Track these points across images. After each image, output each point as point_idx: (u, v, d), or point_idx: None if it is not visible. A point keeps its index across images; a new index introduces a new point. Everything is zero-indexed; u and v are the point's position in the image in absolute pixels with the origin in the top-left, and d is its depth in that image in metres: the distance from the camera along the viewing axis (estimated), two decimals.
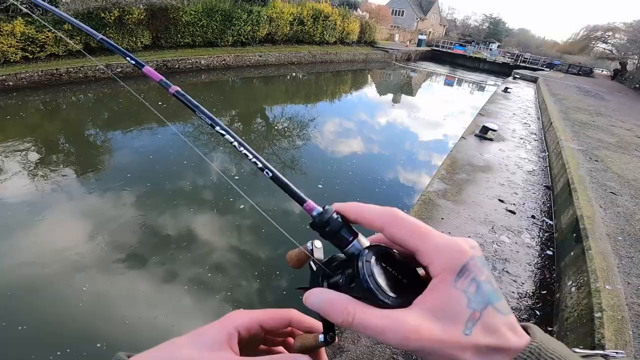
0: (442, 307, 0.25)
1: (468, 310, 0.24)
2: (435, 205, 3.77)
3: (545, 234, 3.68)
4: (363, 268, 0.27)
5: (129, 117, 7.75)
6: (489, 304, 0.25)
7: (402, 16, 42.92)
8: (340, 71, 17.81)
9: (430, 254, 0.27)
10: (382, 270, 0.28)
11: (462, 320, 0.24)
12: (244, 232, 4.08)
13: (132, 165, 5.47)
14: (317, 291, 0.29)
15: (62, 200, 4.35)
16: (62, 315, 2.81)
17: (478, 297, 0.25)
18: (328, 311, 0.27)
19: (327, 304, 0.27)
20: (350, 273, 0.29)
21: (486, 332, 0.24)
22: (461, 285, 0.25)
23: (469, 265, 0.26)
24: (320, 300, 0.28)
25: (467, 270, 0.25)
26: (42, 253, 3.39)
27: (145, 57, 10.84)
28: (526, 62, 30.01)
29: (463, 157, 5.39)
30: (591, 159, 5.36)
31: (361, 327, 0.25)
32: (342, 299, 0.27)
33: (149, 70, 0.44)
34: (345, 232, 0.30)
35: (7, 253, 3.34)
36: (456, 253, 0.26)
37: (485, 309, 0.25)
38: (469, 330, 0.24)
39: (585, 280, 2.53)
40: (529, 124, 8.55)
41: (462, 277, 0.25)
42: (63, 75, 9.06)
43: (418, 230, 0.28)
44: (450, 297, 0.25)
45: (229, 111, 8.98)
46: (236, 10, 13.52)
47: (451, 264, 0.26)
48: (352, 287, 0.28)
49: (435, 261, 0.26)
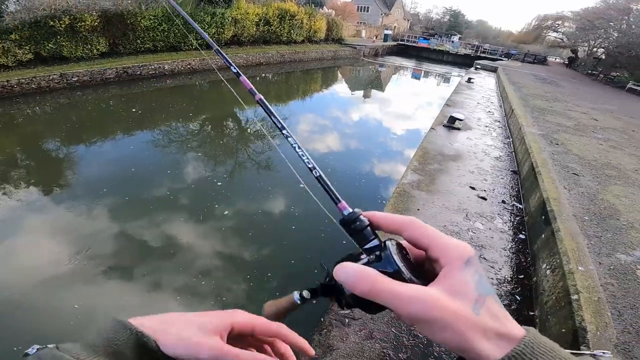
0: (454, 287, 0.28)
1: (475, 293, 0.28)
2: (411, 197, 3.85)
3: (516, 218, 3.85)
4: (390, 250, 0.33)
5: (97, 126, 7.35)
6: (489, 294, 0.29)
7: (367, 12, 43.48)
8: (310, 69, 17.79)
9: (442, 248, 0.31)
10: (403, 256, 0.33)
11: (471, 300, 0.27)
12: (230, 236, 4.00)
13: (108, 176, 5.21)
14: (348, 264, 0.32)
15: (30, 213, 4.06)
16: (57, 334, 2.70)
17: (481, 285, 0.29)
18: (358, 281, 0.30)
19: (357, 275, 0.30)
20: (377, 255, 0.33)
21: (491, 316, 0.27)
22: (468, 273, 0.29)
23: (472, 259, 0.30)
24: (350, 271, 0.31)
25: (472, 263, 0.30)
26: (41, 269, 3.20)
27: (104, 65, 10.32)
28: (486, 53, 31.37)
29: (434, 147, 5.55)
30: (552, 143, 5.67)
31: (389, 294, 0.28)
32: (371, 271, 0.30)
33: (244, 80, 0.62)
34: (368, 232, 0.36)
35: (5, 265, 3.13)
36: (463, 248, 0.31)
37: (487, 297, 0.28)
38: (478, 311, 0.27)
39: (558, 263, 2.55)
40: (493, 112, 8.93)
41: (469, 267, 0.29)
42: (15, 87, 8.44)
43: (433, 232, 0.33)
44: (460, 279, 0.29)
45: (199, 115, 8.74)
46: (199, 13, 13.16)
47: (459, 256, 0.30)
48: (376, 266, 0.32)
49: (445, 254, 0.31)
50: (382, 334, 2.15)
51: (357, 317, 2.24)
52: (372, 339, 2.11)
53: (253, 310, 0.44)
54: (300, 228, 4.28)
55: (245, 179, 5.62)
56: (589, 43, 27.45)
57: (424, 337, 2.15)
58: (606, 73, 22.89)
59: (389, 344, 2.09)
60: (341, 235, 1.67)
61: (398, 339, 2.13)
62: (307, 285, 0.41)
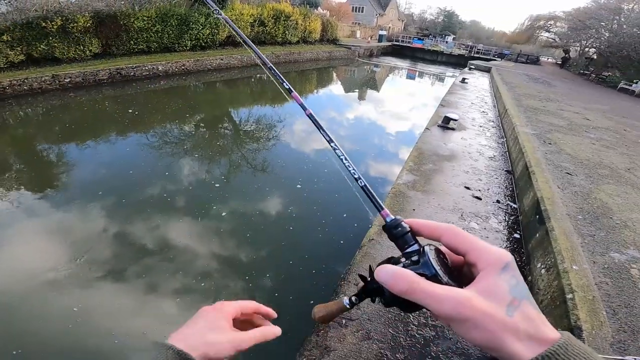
0: (489, 290, 0.30)
1: (510, 296, 0.29)
2: (406, 197, 3.86)
3: (511, 218, 3.87)
4: (428, 254, 0.35)
5: (91, 128, 7.27)
6: (525, 298, 0.30)
7: (362, 13, 43.62)
8: (305, 70, 17.79)
9: (481, 253, 0.32)
10: (440, 260, 0.35)
11: (505, 303, 0.29)
12: (228, 237, 3.98)
13: (104, 178, 5.16)
14: (388, 266, 0.35)
15: (25, 216, 4.01)
16: (56, 337, 2.68)
17: (518, 289, 0.30)
18: (396, 281, 0.32)
19: (396, 276, 0.33)
20: (415, 259, 0.35)
21: (525, 319, 0.28)
22: (505, 277, 0.30)
23: (511, 264, 0.31)
24: (390, 272, 0.33)
25: (510, 268, 0.31)
26: (39, 272, 3.16)
27: (97, 66, 10.23)
28: (479, 53, 31.62)
29: (429, 147, 5.57)
30: (545, 142, 5.72)
31: (424, 294, 0.30)
32: (408, 272, 0.33)
33: (295, 96, 0.66)
34: (409, 237, 0.39)
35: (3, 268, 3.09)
36: (501, 254, 0.32)
37: (523, 301, 0.29)
38: (511, 313, 0.28)
39: (553, 262, 2.55)
40: (487, 112, 8.99)
41: (506, 272, 0.31)
42: (7, 89, 8.34)
43: (471, 238, 0.34)
44: (495, 283, 0.30)
45: (194, 117, 8.68)
46: (193, 14, 13.09)
47: (497, 261, 0.31)
48: (416, 267, 0.34)
49: (483, 258, 0.32)
50: (380, 334, 2.15)
51: (354, 317, 2.24)
52: (369, 339, 2.11)
53: None
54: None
55: (241, 179, 5.59)
56: (581, 43, 27.80)
57: (421, 337, 2.15)
58: (598, 73, 23.17)
59: (386, 344, 2.09)
60: (341, 235, 1.64)
61: (395, 340, 2.13)
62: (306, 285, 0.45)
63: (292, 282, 3.40)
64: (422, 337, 2.16)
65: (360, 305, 2.35)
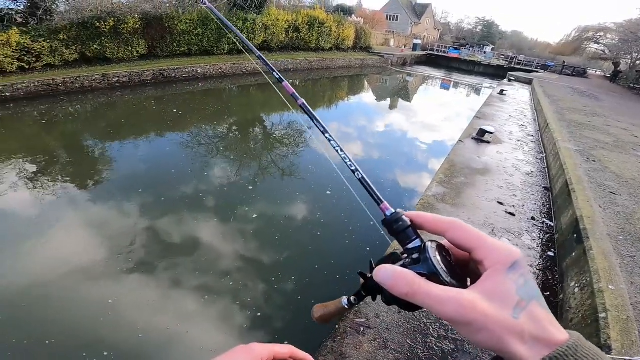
0: (494, 291, 0.28)
1: (516, 297, 0.28)
2: (435, 210, 3.76)
3: (546, 236, 3.66)
4: (429, 251, 0.33)
5: (136, 126, 7.74)
6: (534, 298, 0.28)
7: (396, 21, 43.37)
8: (337, 77, 17.91)
9: (487, 250, 0.31)
10: (443, 258, 0.33)
11: (511, 305, 0.27)
12: (258, 239, 4.07)
13: (144, 174, 5.52)
14: (388, 266, 0.33)
15: (69, 209, 4.32)
16: (88, 328, 2.80)
17: (525, 289, 0.28)
18: (396, 282, 0.31)
19: (396, 277, 0.31)
20: (416, 257, 0.33)
21: (531, 320, 0.27)
22: (512, 276, 0.29)
23: (519, 262, 0.29)
24: (389, 273, 0.32)
25: (518, 266, 0.29)
26: (79, 265, 3.38)
27: (142, 67, 10.88)
28: (520, 64, 30.28)
29: (461, 160, 5.40)
30: (589, 159, 5.37)
31: (425, 296, 0.29)
32: (409, 273, 0.31)
33: (287, 85, 0.62)
34: (410, 232, 0.36)
35: (36, 266, 3.34)
36: (509, 251, 0.30)
37: (531, 301, 0.28)
38: (517, 315, 0.27)
39: (588, 281, 2.49)
40: (526, 126, 8.58)
41: (513, 271, 0.29)
42: (60, 86, 9.06)
43: (477, 233, 0.32)
44: (501, 283, 0.28)
45: (227, 119, 8.99)
46: (231, 18, 13.63)
47: (505, 259, 0.30)
48: (416, 267, 0.33)
49: (490, 256, 0.30)
50: (397, 344, 2.10)
51: (372, 326, 2.20)
52: (386, 349, 2.06)
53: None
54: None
55: (272, 183, 5.69)
56: (632, 56, 25.93)
57: (439, 350, 2.08)
58: None
59: (403, 355, 2.03)
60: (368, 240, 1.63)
61: (413, 351, 2.06)
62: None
63: (315, 287, 3.40)
64: (440, 350, 2.08)
65: (379, 314, 2.31)
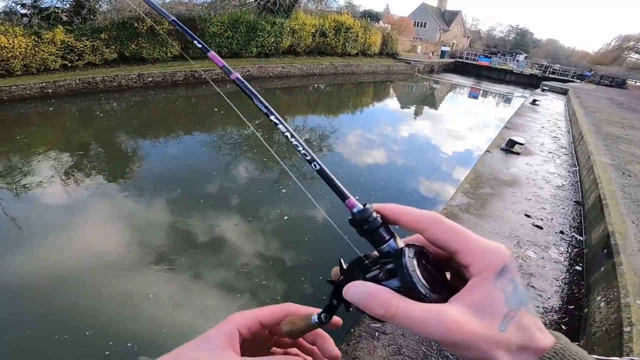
0: (482, 303, 0.26)
1: (505, 308, 0.25)
2: (458, 220, 3.67)
3: (574, 250, 3.51)
4: (407, 263, 0.28)
5: (172, 125, 8.08)
6: (523, 305, 0.26)
7: (424, 28, 42.85)
8: (362, 82, 17.88)
9: (474, 253, 0.27)
10: (423, 267, 0.29)
11: (499, 317, 0.25)
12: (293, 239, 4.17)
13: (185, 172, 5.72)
14: (359, 284, 0.29)
15: (106, 205, 4.58)
16: (125, 321, 2.88)
17: (515, 296, 0.26)
18: (370, 303, 0.27)
19: (369, 296, 0.27)
20: (391, 268, 0.29)
21: (518, 330, 0.25)
22: (501, 284, 0.26)
23: (509, 266, 0.27)
24: (361, 293, 0.28)
25: (508, 271, 0.26)
26: (120, 260, 3.53)
27: (175, 68, 11.34)
28: (555, 74, 29.01)
29: (488, 171, 5.24)
30: (624, 174, 5.08)
31: (404, 319, 0.26)
32: (384, 291, 0.27)
33: (213, 55, 0.48)
34: (383, 231, 0.31)
35: (76, 260, 3.49)
36: (499, 254, 0.27)
37: (520, 309, 0.26)
38: (504, 327, 0.25)
39: (615, 296, 2.47)
40: (559, 138, 8.22)
41: (503, 277, 0.26)
42: (99, 84, 9.59)
43: (461, 232, 0.28)
44: (490, 294, 0.26)
45: (252, 121, 9.16)
46: (260, 21, 13.94)
47: (494, 264, 0.27)
48: (392, 281, 0.28)
49: (477, 261, 0.27)
50: (411, 351, 2.07)
51: (388, 332, 2.18)
52: (400, 354, 2.04)
53: None
54: None
55: (304, 186, 5.75)
56: None
57: (453, 359, 2.03)
58: None
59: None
60: None
61: (426, 358, 2.03)
62: None
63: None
64: (455, 359, 2.04)
65: None
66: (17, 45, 8.20)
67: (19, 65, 8.40)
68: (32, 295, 3.04)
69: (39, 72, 8.89)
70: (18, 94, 8.14)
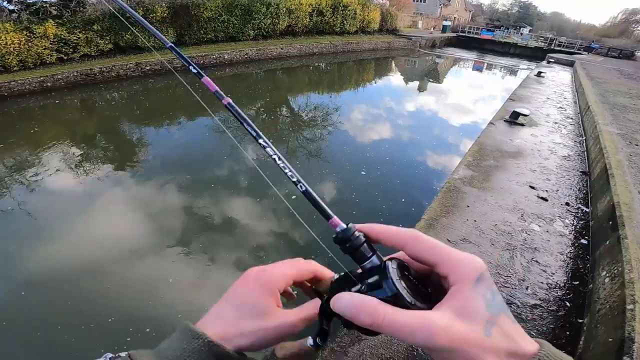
0: (464, 308, 0.27)
1: (487, 313, 0.27)
2: (460, 193, 3.66)
3: (580, 222, 3.48)
4: (391, 274, 0.30)
5: (172, 113, 8.06)
6: (502, 311, 0.27)
7: (424, 2, 41.48)
8: (363, 60, 17.52)
9: (451, 264, 0.29)
10: (406, 278, 0.31)
11: (482, 321, 0.26)
12: None
13: (199, 160, 5.74)
14: (346, 294, 0.30)
15: (121, 192, 4.64)
16: (146, 305, 2.94)
17: (494, 302, 0.27)
18: (358, 313, 0.28)
19: (357, 306, 0.29)
20: (374, 281, 0.31)
21: (502, 336, 0.26)
22: (480, 290, 0.28)
23: (485, 274, 0.28)
24: (349, 303, 0.29)
25: (484, 279, 0.28)
26: (141, 245, 3.62)
27: (173, 55, 11.15)
28: (561, 46, 28.16)
29: (491, 142, 5.18)
30: (631, 143, 4.99)
31: (391, 327, 0.27)
32: (371, 301, 0.29)
33: (207, 81, 0.53)
34: (365, 249, 0.33)
35: (98, 250, 3.55)
36: (474, 264, 0.29)
37: (499, 315, 0.27)
38: (489, 332, 0.26)
39: (620, 271, 2.37)
40: (565, 108, 8.06)
41: (480, 284, 0.28)
42: (97, 75, 9.52)
43: (438, 245, 0.31)
44: (470, 299, 0.27)
45: (254, 103, 9.10)
46: (255, 4, 13.58)
47: (470, 272, 0.28)
48: (377, 292, 0.30)
49: (455, 270, 0.29)
50: None
51: None
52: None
53: None
54: None
55: (310, 166, 5.74)
56: None
57: None
58: None
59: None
60: None
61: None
62: None
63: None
64: None
65: None
66: (10, 41, 8.12)
67: (15, 61, 8.35)
68: (59, 285, 3.10)
69: (35, 66, 8.83)
70: (17, 89, 8.11)
